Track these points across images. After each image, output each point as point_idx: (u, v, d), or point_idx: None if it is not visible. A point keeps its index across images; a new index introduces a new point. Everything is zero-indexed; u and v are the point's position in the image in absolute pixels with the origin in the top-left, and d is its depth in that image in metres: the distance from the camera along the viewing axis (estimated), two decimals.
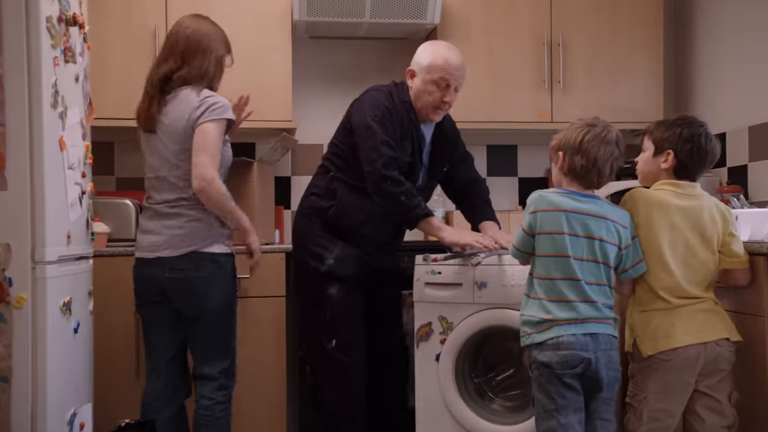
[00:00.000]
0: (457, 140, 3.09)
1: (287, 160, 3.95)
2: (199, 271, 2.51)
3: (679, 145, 2.37)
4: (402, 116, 2.81)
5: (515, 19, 3.75)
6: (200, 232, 2.53)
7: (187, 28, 2.61)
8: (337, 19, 3.58)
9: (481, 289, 2.77)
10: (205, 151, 2.45)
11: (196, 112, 2.49)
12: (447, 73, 2.79)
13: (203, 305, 2.54)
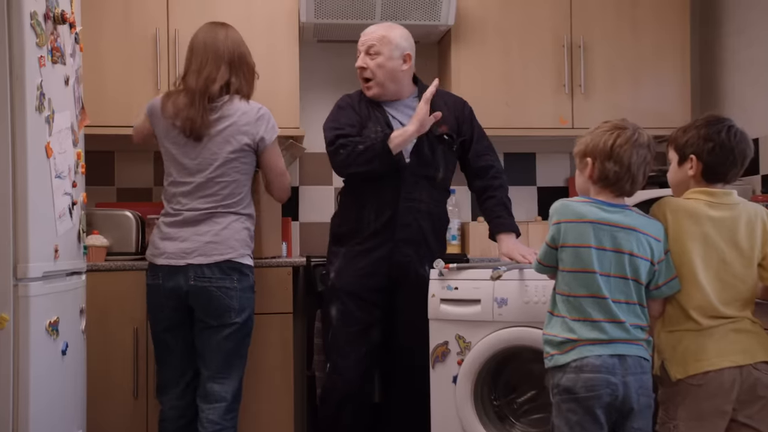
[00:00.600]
0: (458, 117, 2.86)
1: (294, 169, 3.77)
2: (226, 281, 2.49)
3: (700, 146, 2.15)
4: (355, 105, 2.80)
5: (533, 20, 3.56)
6: (234, 242, 2.52)
7: (226, 39, 2.63)
8: (345, 21, 3.39)
9: (501, 306, 2.58)
10: (283, 173, 2.73)
11: (257, 127, 2.59)
12: (359, 43, 2.80)
13: (228, 316, 2.50)
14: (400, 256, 2.74)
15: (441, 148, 2.79)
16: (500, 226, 2.81)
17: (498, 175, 2.87)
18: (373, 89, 2.79)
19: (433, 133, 2.77)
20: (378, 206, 2.74)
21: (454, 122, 2.84)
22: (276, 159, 2.67)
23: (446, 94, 2.94)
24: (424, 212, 2.77)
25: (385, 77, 2.77)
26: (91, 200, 3.56)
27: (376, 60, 2.76)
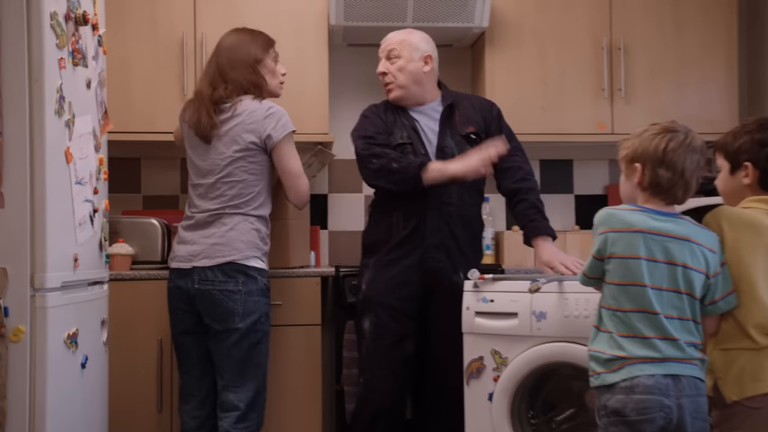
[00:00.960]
0: (486, 118, 2.76)
1: (324, 176, 3.66)
2: (229, 284, 2.40)
3: (755, 152, 2.00)
4: (381, 113, 2.74)
5: (571, 21, 3.42)
6: (238, 243, 2.42)
7: (220, 49, 2.59)
8: (376, 23, 3.28)
9: (540, 319, 2.43)
10: (296, 174, 2.55)
11: (264, 124, 2.48)
12: (379, 51, 2.77)
13: (232, 321, 2.40)
14: (431, 263, 2.63)
15: (469, 148, 2.68)
16: (535, 230, 2.66)
17: (528, 177, 2.74)
18: (394, 91, 2.72)
19: (460, 133, 2.67)
20: (406, 212, 2.63)
21: (481, 122, 2.75)
22: (287, 159, 2.52)
23: (473, 97, 2.89)
24: (455, 215, 2.65)
25: (407, 79, 2.70)
26: (117, 208, 3.51)
27: (396, 63, 2.71)
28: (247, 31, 2.63)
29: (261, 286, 2.46)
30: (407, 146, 2.65)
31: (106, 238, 2.41)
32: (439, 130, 2.69)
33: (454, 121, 2.72)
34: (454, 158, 2.62)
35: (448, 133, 2.69)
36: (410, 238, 2.64)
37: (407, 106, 2.74)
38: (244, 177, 2.47)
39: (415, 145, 2.65)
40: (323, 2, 3.31)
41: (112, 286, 2.82)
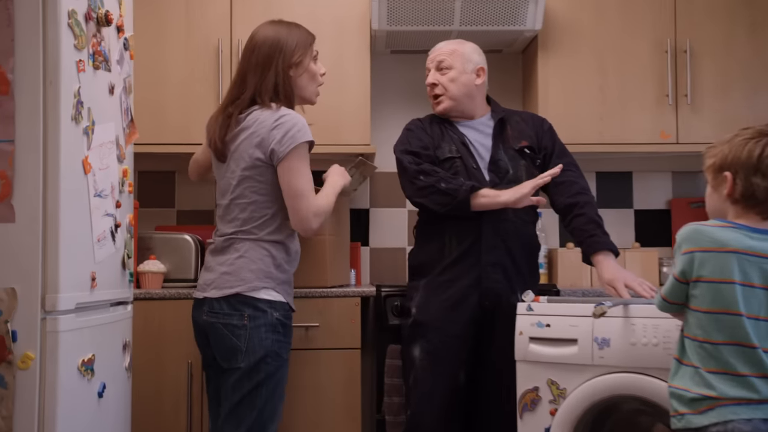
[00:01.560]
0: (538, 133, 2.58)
1: (365, 190, 3.46)
2: (234, 318, 2.11)
3: None
4: (426, 127, 2.57)
5: (631, 23, 3.16)
6: (247, 272, 2.13)
7: (249, 42, 2.27)
8: (421, 27, 3.08)
9: (603, 347, 2.19)
10: (298, 195, 2.14)
11: (271, 136, 2.13)
12: (427, 61, 2.61)
13: (235, 359, 2.12)
14: (489, 282, 2.41)
15: (523, 163, 2.51)
16: (595, 245, 2.42)
17: (584, 191, 2.53)
18: (444, 103, 2.54)
19: (513, 147, 2.51)
20: (460, 230, 2.42)
21: (533, 137, 2.57)
22: (289, 176, 2.13)
23: (523, 112, 2.72)
24: (511, 232, 2.44)
25: (459, 92, 2.53)
26: (150, 223, 3.37)
27: (447, 75, 2.53)
28: (283, 25, 2.30)
29: (271, 320, 2.14)
30: (456, 160, 2.46)
31: (129, 255, 2.23)
32: (492, 144, 2.52)
33: (506, 135, 2.55)
34: (508, 173, 2.46)
35: (500, 147, 2.51)
36: (465, 256, 2.43)
37: (455, 119, 2.57)
38: (254, 198, 2.18)
39: (465, 159, 2.46)
40: (365, 6, 3.12)
41: (141, 306, 2.67)
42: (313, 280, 2.82)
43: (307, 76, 2.28)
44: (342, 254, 3.05)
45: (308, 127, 2.17)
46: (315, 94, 2.36)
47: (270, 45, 2.20)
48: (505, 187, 2.42)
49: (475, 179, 2.43)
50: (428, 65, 2.59)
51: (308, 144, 2.18)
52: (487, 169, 2.47)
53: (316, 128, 3.03)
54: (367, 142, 3.13)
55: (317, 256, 2.84)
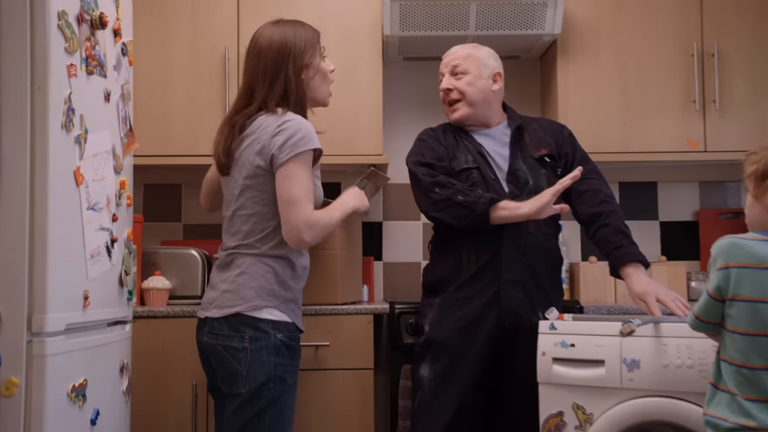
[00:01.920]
0: (557, 140, 2.44)
1: (378, 202, 3.32)
2: (234, 340, 1.94)
3: None
4: (440, 136, 2.43)
5: (655, 25, 3.01)
6: (248, 290, 1.97)
7: (253, 47, 2.10)
8: (435, 32, 2.95)
9: (633, 369, 2.04)
10: (292, 201, 1.95)
11: (272, 143, 1.97)
12: (441, 66, 2.47)
13: (236, 384, 1.96)
14: (509, 301, 2.25)
15: (543, 172, 2.36)
16: (624, 257, 2.26)
17: (609, 200, 2.37)
18: (460, 110, 2.40)
19: (532, 156, 2.36)
20: (478, 244, 2.27)
21: (553, 144, 2.42)
22: (286, 183, 1.95)
23: (541, 119, 2.56)
24: (533, 246, 2.29)
25: (475, 97, 2.39)
26: (155, 238, 3.25)
27: (463, 80, 2.39)
28: (287, 24, 2.12)
29: (273, 342, 1.96)
30: (473, 171, 2.32)
31: (128, 271, 2.10)
32: (510, 153, 2.36)
33: (524, 143, 2.40)
34: (528, 184, 2.31)
35: (519, 156, 2.36)
36: (483, 272, 2.28)
37: (470, 128, 2.42)
38: (256, 209, 2.02)
39: (483, 169, 2.31)
40: (377, 11, 3.00)
41: (144, 324, 2.55)
42: (323, 297, 2.68)
43: (319, 76, 2.12)
44: (354, 269, 2.91)
45: (315, 135, 2.01)
46: (328, 95, 2.19)
47: (277, 49, 2.04)
48: (525, 198, 2.27)
49: (494, 191, 2.28)
50: (442, 70, 2.45)
51: (313, 153, 2.01)
52: (506, 180, 2.32)
53: (326, 138, 2.92)
54: (380, 152, 2.99)
55: (327, 271, 2.70)
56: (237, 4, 2.99)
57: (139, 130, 2.97)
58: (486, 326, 2.26)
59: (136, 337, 2.55)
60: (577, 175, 2.20)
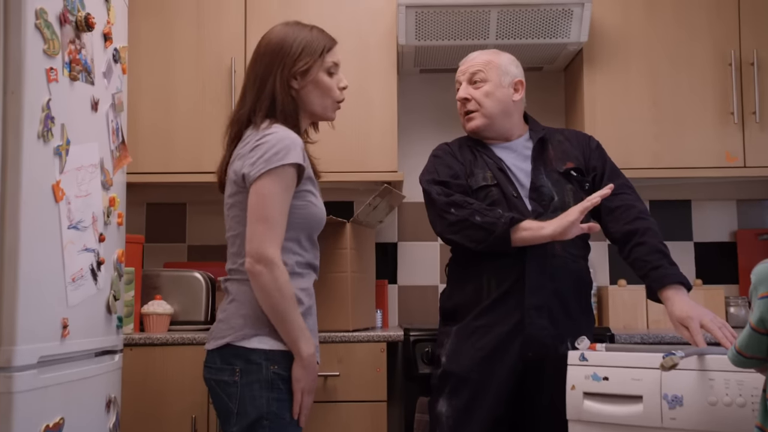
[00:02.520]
0: (585, 152, 2.22)
1: (392, 221, 3.12)
2: (225, 374, 1.73)
3: None
4: (455, 151, 2.24)
5: (689, 32, 2.80)
6: (236, 318, 1.75)
7: (256, 48, 1.89)
8: (452, 42, 2.76)
9: (675, 406, 1.81)
10: (261, 219, 1.70)
11: (248, 158, 1.75)
12: (458, 73, 2.26)
13: (228, 422, 1.74)
14: (533, 329, 2.03)
15: (569, 187, 2.14)
16: (664, 279, 2.03)
17: (644, 216, 2.15)
18: (476, 120, 2.19)
19: (557, 170, 2.14)
20: (499, 267, 2.06)
21: (580, 157, 2.20)
22: (255, 200, 1.72)
23: (566, 130, 2.34)
24: (560, 269, 2.07)
25: (494, 108, 2.18)
26: (158, 259, 3.08)
27: (482, 89, 2.18)
28: (296, 27, 1.89)
29: (266, 375, 1.74)
30: (492, 189, 2.11)
31: (117, 296, 1.91)
32: (532, 168, 2.14)
33: (548, 156, 2.18)
34: (553, 201, 2.09)
35: (542, 171, 2.14)
36: (505, 298, 2.06)
37: (489, 141, 2.22)
38: (239, 230, 1.79)
39: (503, 186, 2.10)
40: (391, 20, 2.82)
41: (141, 353, 2.38)
42: (332, 323, 2.49)
43: (313, 88, 1.86)
44: (366, 293, 2.71)
45: (296, 149, 1.74)
46: (331, 109, 1.93)
47: (271, 52, 1.83)
48: (550, 216, 2.06)
49: (516, 210, 2.07)
50: (459, 78, 2.25)
51: (294, 169, 1.74)
52: (529, 197, 2.11)
53: (337, 154, 2.76)
54: (395, 168, 2.80)
55: (337, 295, 2.51)
56: (244, 13, 2.83)
57: (140, 146, 2.82)
58: (508, 357, 2.04)
59: (132, 367, 2.37)
60: (607, 192, 1.99)
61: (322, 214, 1.84)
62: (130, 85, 2.80)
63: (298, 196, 1.76)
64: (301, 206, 1.78)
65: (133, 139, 2.78)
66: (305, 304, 1.77)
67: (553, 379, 2.00)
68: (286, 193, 1.73)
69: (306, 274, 1.81)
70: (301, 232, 1.79)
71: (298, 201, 1.77)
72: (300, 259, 1.79)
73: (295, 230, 1.77)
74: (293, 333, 1.71)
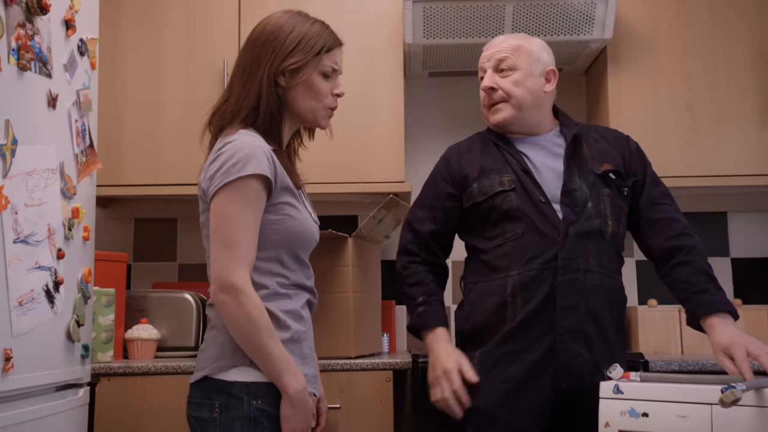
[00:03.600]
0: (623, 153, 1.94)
1: (398, 234, 2.85)
2: (203, 410, 1.49)
3: None
4: (463, 153, 1.97)
5: (725, 28, 2.54)
6: (213, 349, 1.51)
7: (250, 34, 1.65)
8: (464, 40, 2.51)
9: None
10: (222, 243, 1.46)
11: (208, 171, 1.51)
12: (482, 59, 1.97)
13: None
14: (566, 357, 1.75)
15: (606, 192, 1.86)
16: (709, 306, 1.76)
17: (688, 232, 1.88)
18: (504, 111, 1.90)
19: (594, 172, 1.86)
20: (525, 282, 1.79)
21: (618, 158, 1.92)
22: (215, 219, 1.48)
23: (600, 128, 2.05)
24: (595, 287, 1.79)
25: (525, 99, 1.89)
26: (147, 280, 2.82)
27: (511, 77, 1.89)
28: (297, 17, 1.63)
29: (248, 412, 1.48)
30: (509, 195, 1.83)
31: (81, 321, 1.65)
32: (565, 168, 1.85)
33: (582, 156, 1.89)
34: (587, 207, 1.82)
35: (576, 173, 1.85)
36: (533, 320, 1.77)
37: (513, 135, 1.93)
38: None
39: (529, 190, 1.82)
40: (397, 19, 2.57)
41: (120, 384, 2.13)
42: (332, 350, 2.22)
43: (303, 90, 1.60)
44: (371, 316, 2.44)
45: (257, 157, 1.47)
46: (321, 117, 1.65)
47: (263, 42, 1.58)
48: (584, 225, 1.79)
49: (544, 217, 1.79)
50: (483, 65, 1.95)
51: (258, 180, 1.48)
52: (561, 203, 1.83)
53: (339, 164, 2.51)
54: (402, 179, 2.54)
55: (338, 318, 2.25)
56: (238, 12, 2.59)
57: (126, 156, 2.57)
58: (539, 390, 1.75)
59: (108, 400, 2.11)
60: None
61: (306, 228, 1.56)
62: (116, 90, 2.57)
63: (272, 209, 1.50)
64: (277, 221, 1.51)
65: (118, 149, 2.55)
66: (292, 329, 1.50)
67: (590, 414, 1.71)
68: (251, 208, 1.47)
69: (294, 294, 1.54)
70: (282, 251, 1.52)
71: (273, 215, 1.51)
72: (283, 280, 1.52)
73: (274, 249, 1.51)
74: (274, 367, 1.45)
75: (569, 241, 1.77)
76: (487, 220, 1.86)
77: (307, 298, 1.59)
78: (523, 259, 1.79)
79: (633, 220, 1.90)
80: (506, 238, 1.82)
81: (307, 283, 1.58)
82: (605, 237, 1.81)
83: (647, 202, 1.92)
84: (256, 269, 1.48)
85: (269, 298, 1.49)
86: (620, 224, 1.87)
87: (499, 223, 1.84)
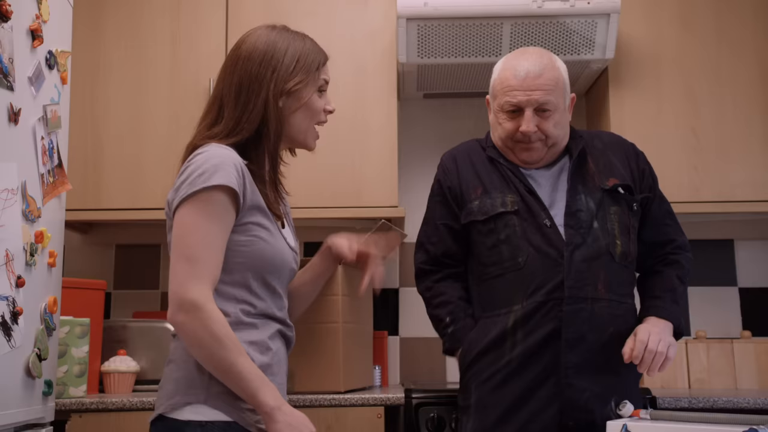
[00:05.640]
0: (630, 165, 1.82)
1: (393, 264, 2.72)
2: None
3: None
4: (461, 167, 1.83)
5: (731, 47, 2.44)
6: (168, 385, 1.36)
7: (234, 51, 1.52)
8: (460, 59, 2.39)
9: None
10: (182, 256, 1.32)
11: (175, 183, 1.39)
12: (511, 89, 1.72)
13: None
14: (572, 393, 1.61)
15: (614, 209, 1.73)
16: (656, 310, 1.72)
17: (677, 251, 1.82)
18: (538, 151, 1.74)
19: (601, 187, 1.73)
20: (529, 310, 1.66)
21: (625, 171, 1.79)
22: (176, 231, 1.36)
23: (603, 134, 1.91)
24: (604, 316, 1.66)
25: (560, 137, 1.76)
26: (127, 309, 2.69)
27: (551, 117, 1.72)
28: (286, 33, 1.52)
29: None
30: (511, 217, 1.70)
31: (44, 356, 1.50)
32: (569, 187, 1.72)
33: (588, 170, 1.76)
34: (592, 228, 1.69)
35: (580, 190, 1.72)
36: (537, 353, 1.64)
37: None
38: None
39: (534, 212, 1.69)
40: (390, 38, 2.46)
41: (93, 420, 1.98)
42: (319, 384, 2.09)
43: (304, 113, 1.50)
44: (362, 347, 2.29)
45: (226, 168, 1.35)
46: (311, 137, 1.54)
47: (259, 61, 1.44)
48: (590, 248, 1.67)
49: (548, 240, 1.66)
50: (518, 100, 1.71)
51: (224, 193, 1.35)
52: (564, 224, 1.70)
53: (329, 188, 2.39)
54: (395, 203, 2.42)
55: (326, 350, 2.11)
56: (225, 30, 2.49)
57: (107, 179, 2.43)
58: (545, 428, 1.62)
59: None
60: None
61: (277, 253, 1.41)
62: (96, 110, 2.45)
63: (240, 230, 1.36)
64: (244, 242, 1.37)
65: (98, 171, 2.42)
66: (256, 362, 1.35)
67: None
68: (218, 222, 1.33)
69: (261, 324, 1.39)
70: (249, 275, 1.38)
71: (241, 236, 1.37)
72: (248, 308, 1.38)
73: (239, 272, 1.37)
74: (247, 386, 1.29)
75: (575, 267, 1.64)
76: (483, 243, 1.74)
77: (277, 328, 1.44)
78: (527, 292, 1.66)
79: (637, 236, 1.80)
80: (505, 267, 1.69)
81: (278, 314, 1.43)
82: (614, 258, 1.69)
83: (653, 221, 1.82)
84: (218, 293, 1.34)
85: (241, 326, 1.35)
86: (630, 241, 1.74)
87: (497, 248, 1.71)
